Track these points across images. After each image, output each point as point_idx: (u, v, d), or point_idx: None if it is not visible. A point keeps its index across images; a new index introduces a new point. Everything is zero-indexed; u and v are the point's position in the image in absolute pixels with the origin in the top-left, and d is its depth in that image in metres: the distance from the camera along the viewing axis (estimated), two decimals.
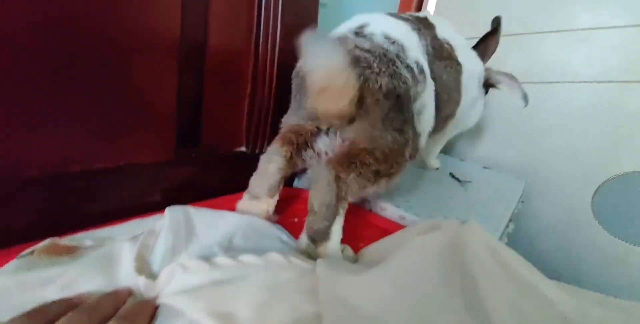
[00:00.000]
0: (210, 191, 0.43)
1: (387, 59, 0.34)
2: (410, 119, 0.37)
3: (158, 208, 0.33)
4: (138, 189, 0.36)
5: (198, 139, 0.42)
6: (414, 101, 0.37)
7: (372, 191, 0.38)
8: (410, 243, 0.31)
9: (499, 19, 0.66)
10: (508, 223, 0.53)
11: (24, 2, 0.26)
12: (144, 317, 0.22)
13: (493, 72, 0.64)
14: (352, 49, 0.34)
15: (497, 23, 0.66)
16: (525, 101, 0.62)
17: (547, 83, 0.78)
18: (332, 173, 0.33)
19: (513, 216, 0.58)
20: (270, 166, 0.38)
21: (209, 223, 0.34)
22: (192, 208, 0.35)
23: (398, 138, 0.35)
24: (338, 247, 0.35)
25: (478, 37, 0.65)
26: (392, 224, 0.45)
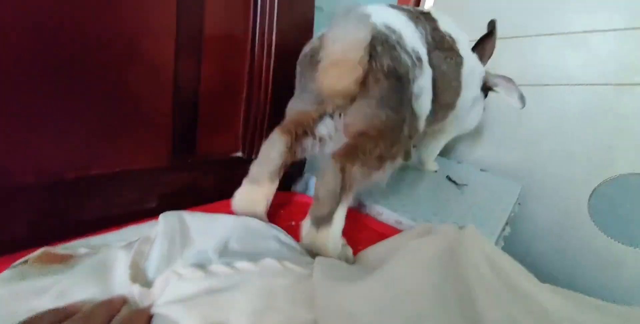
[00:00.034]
0: (207, 196, 0.43)
1: (388, 45, 0.38)
2: (408, 100, 0.40)
3: (154, 214, 0.33)
4: (134, 195, 0.36)
5: (194, 145, 0.42)
6: (413, 83, 0.40)
7: (377, 177, 0.40)
8: (407, 248, 0.31)
9: (494, 23, 0.67)
10: (504, 227, 0.54)
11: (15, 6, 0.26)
12: None
13: (490, 75, 0.65)
14: None
15: (492, 26, 0.67)
16: (523, 102, 0.63)
17: (542, 86, 0.79)
18: (337, 166, 0.35)
19: (509, 219, 0.58)
20: (272, 152, 0.39)
21: (204, 227, 0.34)
22: (186, 213, 0.35)
23: (392, 116, 0.37)
24: (339, 233, 0.37)
25: (474, 39, 0.65)
26: (388, 229, 0.45)
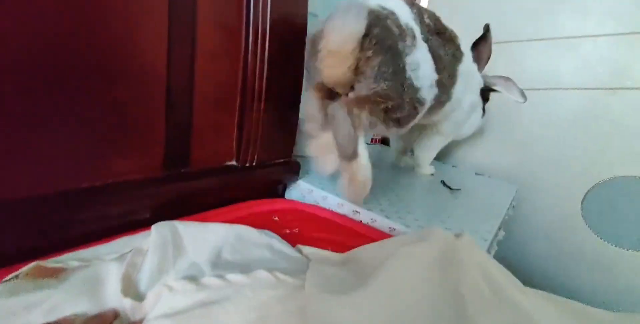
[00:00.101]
0: (200, 205, 0.43)
1: (379, 18, 0.40)
2: (402, 71, 0.42)
3: (148, 224, 0.33)
4: (127, 207, 0.36)
5: (187, 154, 0.42)
6: (406, 55, 0.42)
7: (381, 130, 0.45)
8: (400, 254, 0.31)
9: (488, 26, 0.68)
10: (497, 231, 0.54)
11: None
12: None
13: (488, 76, 0.68)
14: None
15: (486, 29, 0.68)
16: (524, 97, 0.65)
17: (535, 90, 0.79)
18: (345, 109, 0.40)
19: (503, 222, 0.59)
20: (310, 109, 0.47)
21: (197, 237, 0.34)
22: (179, 223, 0.35)
23: (390, 84, 0.41)
24: (367, 159, 0.44)
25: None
26: (382, 236, 0.45)
